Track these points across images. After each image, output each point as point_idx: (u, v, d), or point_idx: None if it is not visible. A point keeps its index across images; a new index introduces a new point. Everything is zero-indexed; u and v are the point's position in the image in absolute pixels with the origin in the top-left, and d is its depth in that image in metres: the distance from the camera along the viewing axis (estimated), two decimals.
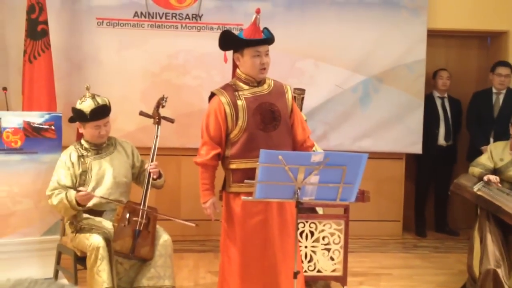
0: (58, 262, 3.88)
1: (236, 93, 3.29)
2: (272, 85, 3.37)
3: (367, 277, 4.57)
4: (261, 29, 3.30)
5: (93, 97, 3.63)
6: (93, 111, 3.57)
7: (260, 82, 3.34)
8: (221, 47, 3.38)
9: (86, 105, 3.59)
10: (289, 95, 3.39)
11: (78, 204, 3.44)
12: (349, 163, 2.77)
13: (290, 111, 3.37)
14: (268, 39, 3.29)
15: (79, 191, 3.42)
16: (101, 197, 3.54)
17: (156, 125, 3.85)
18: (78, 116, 3.63)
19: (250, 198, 2.86)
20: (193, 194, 5.64)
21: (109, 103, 3.69)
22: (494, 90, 5.60)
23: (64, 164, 3.60)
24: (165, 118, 3.90)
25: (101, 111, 3.61)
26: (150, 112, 3.92)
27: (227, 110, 3.27)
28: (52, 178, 3.59)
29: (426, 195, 6.02)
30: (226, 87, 3.36)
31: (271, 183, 2.79)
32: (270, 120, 3.27)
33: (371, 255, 5.18)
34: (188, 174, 5.65)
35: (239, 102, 3.26)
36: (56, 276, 3.90)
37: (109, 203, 3.61)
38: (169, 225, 3.81)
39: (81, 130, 3.68)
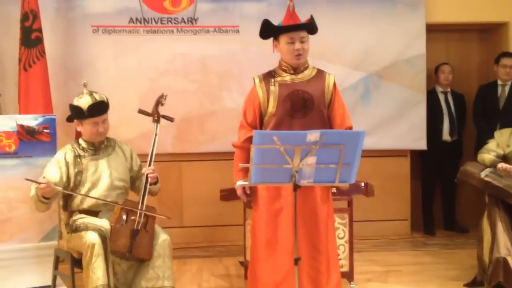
0: (56, 267, 3.77)
1: (272, 79, 3.37)
2: (314, 74, 3.41)
3: (375, 274, 4.44)
4: (308, 16, 3.38)
5: (90, 93, 3.55)
6: (91, 107, 3.49)
7: (298, 69, 3.37)
8: (260, 36, 3.44)
9: (84, 102, 3.51)
10: (329, 85, 3.39)
11: (44, 197, 3.32)
12: (347, 142, 2.67)
13: (329, 101, 3.37)
14: (302, 25, 3.30)
15: (40, 183, 3.28)
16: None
17: (155, 123, 3.77)
18: (75, 112, 3.54)
19: (246, 183, 2.78)
20: (195, 200, 5.57)
21: (107, 100, 3.62)
22: (499, 82, 5.53)
23: (56, 162, 3.51)
24: (164, 116, 3.82)
25: (99, 107, 3.53)
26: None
27: (260, 94, 3.36)
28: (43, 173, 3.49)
29: (433, 192, 5.90)
30: (267, 73, 3.44)
31: (266, 166, 2.69)
32: (300, 108, 3.31)
33: (379, 254, 5.05)
34: (189, 180, 5.58)
35: (272, 88, 3.34)
36: (54, 281, 3.79)
37: (105, 204, 3.51)
38: (173, 232, 3.70)
39: (78, 128, 3.59)
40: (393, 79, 5.56)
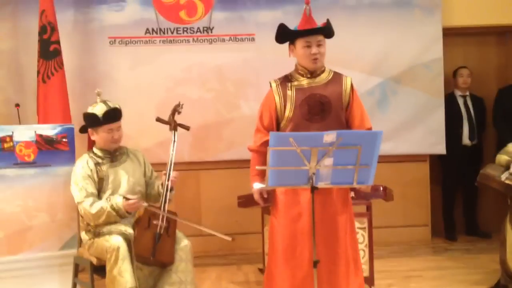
0: (76, 274, 3.78)
1: (289, 83, 3.35)
2: (331, 77, 3.39)
3: (396, 279, 4.39)
4: (324, 20, 3.38)
5: (104, 102, 3.62)
6: (106, 113, 3.55)
7: (314, 73, 3.36)
8: (276, 40, 3.44)
9: (99, 109, 3.57)
10: (347, 87, 3.38)
11: (127, 212, 3.40)
12: (364, 142, 2.66)
13: (347, 103, 3.35)
14: (318, 29, 3.30)
15: (128, 199, 3.38)
16: (149, 205, 3.49)
17: (173, 131, 3.81)
18: (90, 120, 3.59)
19: (263, 185, 2.77)
20: (213, 209, 5.56)
21: (120, 107, 3.67)
22: None
23: (84, 172, 3.53)
24: (180, 125, 3.87)
25: (114, 114, 3.59)
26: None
27: (277, 99, 3.35)
28: (76, 186, 3.51)
29: (453, 197, 5.82)
30: (283, 77, 3.43)
31: (283, 168, 2.68)
32: (318, 111, 3.29)
33: (400, 260, 4.99)
34: (207, 188, 5.59)
35: (289, 93, 3.33)
36: None
37: None
38: (191, 241, 3.67)
39: (93, 137, 3.64)
40: (410, 83, 5.53)
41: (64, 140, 4.02)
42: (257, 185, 3.06)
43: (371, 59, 5.49)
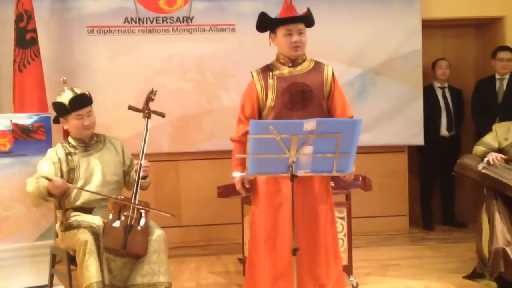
0: (53, 265, 3.74)
1: (270, 72, 3.35)
2: (312, 66, 3.39)
3: (374, 268, 4.43)
4: (306, 9, 3.39)
5: (71, 89, 3.58)
6: (72, 100, 3.50)
7: (296, 62, 3.35)
8: (257, 28, 3.42)
9: (65, 97, 3.54)
10: (328, 76, 3.38)
11: (49, 194, 3.35)
12: (343, 130, 2.66)
13: (329, 92, 3.36)
14: (299, 17, 3.29)
15: (51, 180, 3.30)
16: (80, 188, 3.43)
17: (146, 119, 3.73)
18: (59, 110, 3.56)
19: (242, 174, 2.76)
20: (193, 199, 5.54)
21: (89, 93, 3.62)
22: (497, 76, 5.53)
23: (49, 158, 3.52)
24: (155, 112, 3.80)
25: (81, 100, 3.54)
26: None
27: (258, 88, 3.34)
28: (38, 169, 3.50)
29: (431, 187, 5.88)
30: (265, 67, 3.43)
31: (263, 156, 2.67)
32: (299, 100, 3.29)
33: (378, 249, 5.04)
34: (187, 179, 5.56)
35: (270, 81, 3.33)
36: (51, 280, 3.76)
37: (99, 200, 3.50)
38: (171, 232, 3.66)
39: (65, 126, 3.60)
40: (389, 75, 5.57)
41: (40, 129, 3.95)
42: (237, 174, 3.05)
43: (351, 50, 5.51)
